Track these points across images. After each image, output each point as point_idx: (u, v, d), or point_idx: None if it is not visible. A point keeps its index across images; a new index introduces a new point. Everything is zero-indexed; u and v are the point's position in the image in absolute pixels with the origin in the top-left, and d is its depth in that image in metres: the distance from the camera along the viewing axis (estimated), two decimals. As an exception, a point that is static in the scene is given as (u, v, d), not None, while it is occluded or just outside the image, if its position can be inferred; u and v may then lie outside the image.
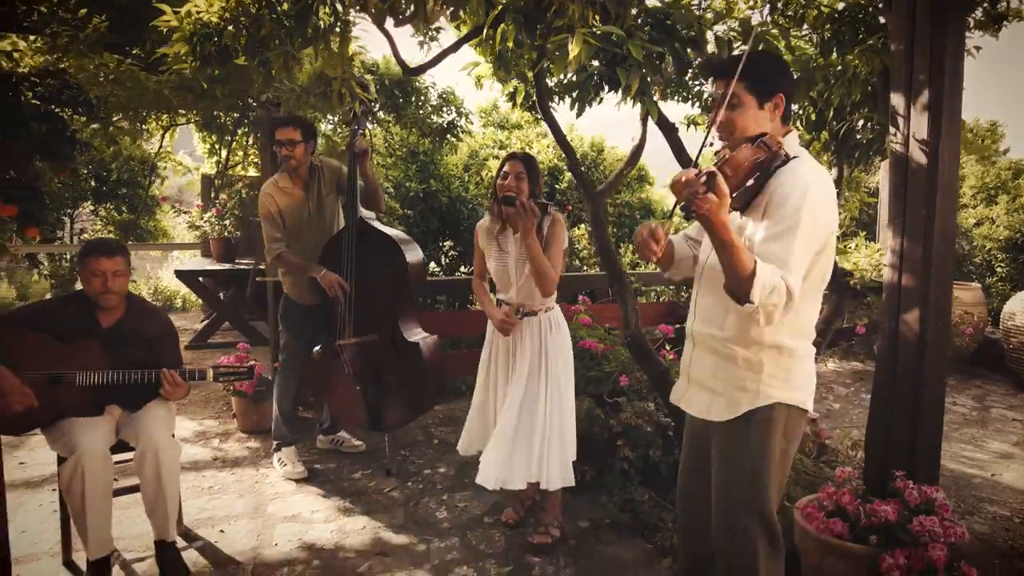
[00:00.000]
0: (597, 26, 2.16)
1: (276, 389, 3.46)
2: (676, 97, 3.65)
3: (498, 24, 2.10)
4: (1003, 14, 2.74)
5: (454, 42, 2.83)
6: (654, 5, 2.50)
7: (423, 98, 4.43)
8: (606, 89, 2.37)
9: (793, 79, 1.69)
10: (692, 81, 3.53)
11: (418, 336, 3.29)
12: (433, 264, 5.52)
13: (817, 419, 3.34)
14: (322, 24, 2.07)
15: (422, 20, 2.30)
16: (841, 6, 2.88)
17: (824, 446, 3.22)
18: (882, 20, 2.78)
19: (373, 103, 3.27)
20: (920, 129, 2.27)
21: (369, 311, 3.25)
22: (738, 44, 2.50)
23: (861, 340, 5.38)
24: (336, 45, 2.16)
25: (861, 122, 3.22)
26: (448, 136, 4.54)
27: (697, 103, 3.68)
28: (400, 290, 3.24)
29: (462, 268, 5.18)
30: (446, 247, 5.43)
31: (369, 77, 4.14)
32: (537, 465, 2.57)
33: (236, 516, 2.95)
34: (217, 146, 7.08)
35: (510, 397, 2.65)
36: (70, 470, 2.29)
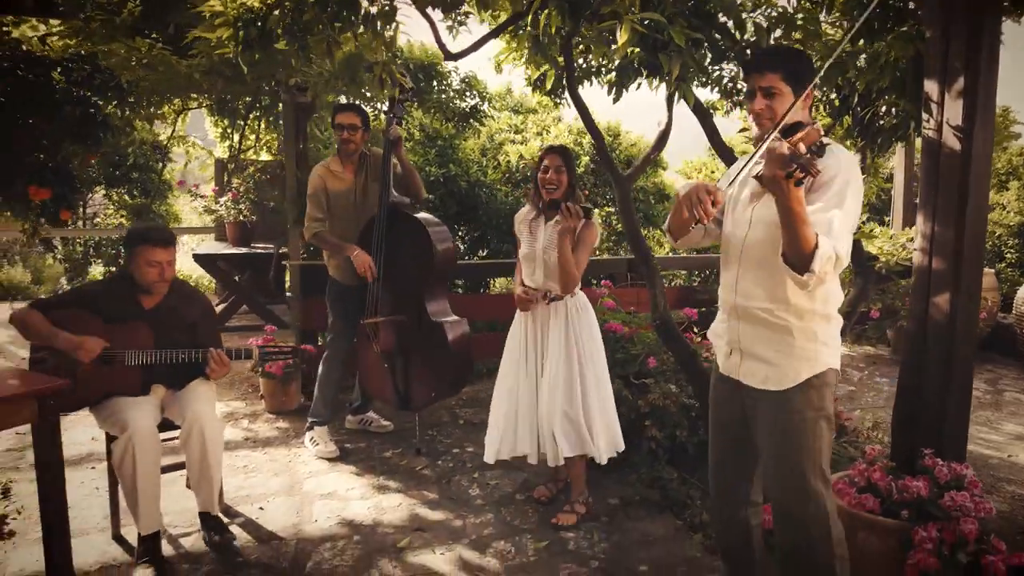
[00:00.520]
0: (638, 13, 2.19)
1: (321, 367, 3.54)
2: (694, 82, 3.66)
3: (543, 9, 2.13)
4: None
5: (495, 27, 2.85)
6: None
7: (446, 83, 4.45)
8: (644, 74, 2.41)
9: (816, 73, 1.75)
10: (712, 66, 3.54)
11: (445, 318, 3.34)
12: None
13: (838, 400, 3.41)
14: (374, 9, 2.10)
15: (474, 4, 2.32)
16: (871, -7, 2.90)
17: (843, 427, 3.29)
18: (911, 6, 2.81)
19: (411, 91, 3.30)
20: (955, 115, 2.30)
21: (398, 292, 3.31)
22: (776, 31, 2.53)
23: (875, 325, 5.44)
24: (386, 30, 2.19)
25: (884, 108, 3.25)
26: (471, 120, 4.57)
27: (716, 88, 3.69)
28: (427, 272, 3.30)
29: (480, 252, 5.22)
30: (462, 231, 5.46)
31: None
32: (579, 440, 2.67)
33: (273, 494, 3.03)
34: (229, 130, 7.11)
35: (548, 381, 2.73)
36: (122, 448, 2.36)
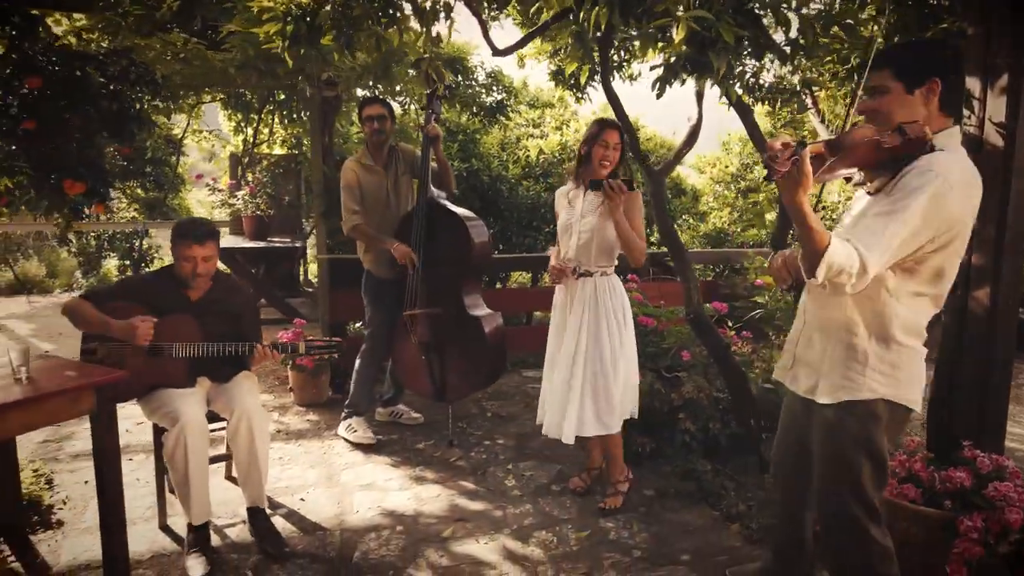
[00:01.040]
0: (690, 11, 2.21)
1: (359, 360, 3.58)
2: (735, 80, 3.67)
3: (594, 6, 2.15)
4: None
5: (541, 23, 2.87)
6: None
7: (472, 77, 4.47)
8: (689, 70, 2.43)
9: (949, 63, 1.61)
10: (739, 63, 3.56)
11: (481, 312, 3.39)
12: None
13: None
14: (427, 4, 2.12)
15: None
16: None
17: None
18: (946, 3, 2.83)
19: (447, 87, 3.36)
20: (997, 112, 2.33)
21: (436, 284, 3.35)
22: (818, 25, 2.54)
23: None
24: (441, 28, 2.21)
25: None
26: (498, 115, 4.59)
27: (739, 83, 3.71)
28: (465, 266, 3.34)
29: (500, 247, 5.24)
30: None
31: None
32: (600, 420, 2.69)
33: (312, 485, 3.06)
34: (243, 124, 7.12)
35: (563, 354, 2.76)
36: (173, 440, 2.39)
